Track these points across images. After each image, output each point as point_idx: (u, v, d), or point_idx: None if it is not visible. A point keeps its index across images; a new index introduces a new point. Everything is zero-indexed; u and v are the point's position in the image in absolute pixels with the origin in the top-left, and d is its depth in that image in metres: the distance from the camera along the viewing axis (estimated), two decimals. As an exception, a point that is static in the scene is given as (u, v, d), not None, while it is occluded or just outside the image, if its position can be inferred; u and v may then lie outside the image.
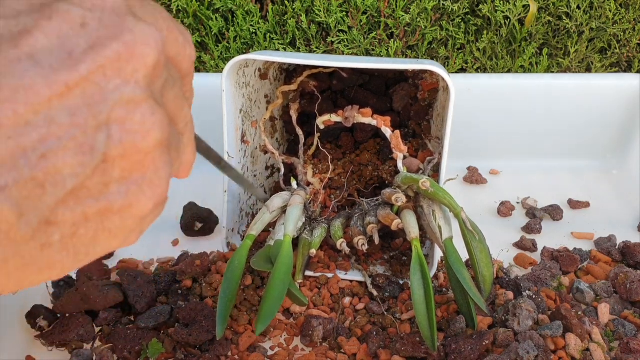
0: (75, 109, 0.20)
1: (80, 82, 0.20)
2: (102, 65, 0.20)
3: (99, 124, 0.20)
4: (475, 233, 0.48)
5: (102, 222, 0.22)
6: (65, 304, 0.51)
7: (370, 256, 0.60)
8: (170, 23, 0.24)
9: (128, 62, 0.21)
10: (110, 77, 0.21)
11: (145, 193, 0.22)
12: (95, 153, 0.20)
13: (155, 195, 0.23)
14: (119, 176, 0.21)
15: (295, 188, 0.61)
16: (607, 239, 0.63)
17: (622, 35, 0.84)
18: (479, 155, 0.79)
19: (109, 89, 0.21)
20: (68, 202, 0.20)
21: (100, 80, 0.20)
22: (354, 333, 0.51)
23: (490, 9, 0.82)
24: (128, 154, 0.21)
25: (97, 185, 0.21)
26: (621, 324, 0.51)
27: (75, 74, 0.20)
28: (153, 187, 0.23)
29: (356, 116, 0.57)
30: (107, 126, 0.21)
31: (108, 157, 0.21)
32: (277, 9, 0.83)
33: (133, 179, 0.22)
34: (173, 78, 0.24)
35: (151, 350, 0.48)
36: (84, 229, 0.21)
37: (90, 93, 0.20)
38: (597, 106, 0.77)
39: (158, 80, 0.23)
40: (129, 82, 0.21)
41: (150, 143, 0.22)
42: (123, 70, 0.21)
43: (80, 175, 0.20)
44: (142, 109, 0.21)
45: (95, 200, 0.21)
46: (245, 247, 0.52)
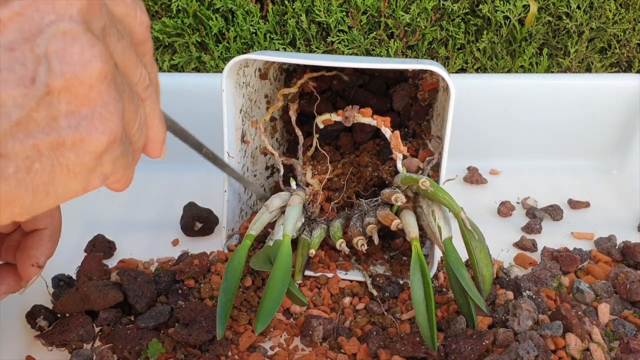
0: (12, 43, 0.21)
1: (13, 17, 0.21)
2: (34, 1, 0.21)
3: (37, 56, 0.21)
4: (475, 233, 0.48)
5: (57, 158, 0.22)
6: (65, 304, 0.51)
7: (370, 256, 0.60)
8: None
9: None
10: (43, 11, 0.21)
11: (96, 127, 0.23)
12: (37, 84, 0.21)
13: (107, 130, 0.23)
14: (67, 110, 0.22)
15: (295, 188, 0.61)
16: (607, 239, 0.63)
17: (622, 35, 0.84)
18: (479, 155, 0.79)
19: (44, 22, 0.21)
20: (16, 134, 0.21)
21: (34, 14, 0.21)
22: (354, 333, 0.51)
23: (490, 9, 0.82)
24: (71, 86, 0.22)
25: (45, 119, 0.21)
26: (621, 324, 0.51)
27: (7, 9, 0.20)
28: (104, 120, 0.23)
29: (356, 116, 0.57)
30: (46, 59, 0.21)
31: (51, 88, 0.21)
32: (277, 8, 0.83)
33: (82, 113, 0.22)
34: (119, 31, 0.25)
35: (151, 350, 0.48)
36: (40, 164, 0.22)
37: (26, 27, 0.21)
38: (597, 106, 0.77)
39: (96, 20, 0.23)
40: (63, 16, 0.22)
41: (91, 73, 0.22)
42: (56, 4, 0.22)
43: (24, 106, 0.21)
44: (80, 40, 0.22)
45: (45, 133, 0.22)
46: (244, 246, 0.52)
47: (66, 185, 0.23)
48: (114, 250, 0.62)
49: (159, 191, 0.74)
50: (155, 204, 0.71)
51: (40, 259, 0.39)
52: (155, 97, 0.28)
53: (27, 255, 0.39)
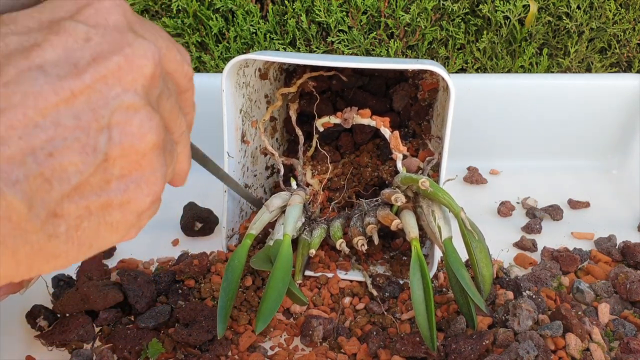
0: (80, 113, 0.22)
1: (84, 90, 0.22)
2: (104, 75, 0.23)
3: (101, 126, 0.22)
4: (475, 233, 0.48)
5: (104, 216, 0.24)
6: (65, 304, 0.51)
7: (370, 256, 0.60)
8: (168, 42, 0.27)
9: (127, 72, 0.23)
10: (111, 85, 0.23)
11: (142, 190, 0.25)
12: (97, 153, 0.22)
13: (152, 192, 0.25)
14: (119, 174, 0.24)
15: (295, 188, 0.61)
16: (607, 238, 0.63)
17: (622, 35, 0.84)
18: (479, 155, 0.79)
19: (110, 96, 0.23)
20: (73, 197, 0.22)
21: (103, 88, 0.23)
22: (354, 333, 0.51)
23: (490, 9, 0.82)
24: (127, 154, 0.23)
25: (99, 182, 0.23)
26: (621, 324, 0.51)
27: (79, 82, 0.22)
28: (150, 184, 0.25)
29: (355, 117, 0.57)
30: (108, 129, 0.23)
31: (109, 156, 0.23)
32: (277, 8, 0.83)
33: (132, 177, 0.24)
34: (169, 90, 0.27)
35: (151, 350, 0.48)
36: (88, 222, 0.23)
37: (93, 99, 0.22)
38: (597, 106, 0.77)
39: (155, 90, 0.25)
40: (129, 90, 0.23)
41: (147, 144, 0.24)
42: (123, 79, 0.23)
43: (83, 172, 0.22)
44: (140, 114, 0.24)
45: (98, 195, 0.23)
46: (244, 246, 0.52)
47: (108, 239, 0.25)
48: (114, 250, 0.62)
49: (159, 191, 0.74)
50: (155, 204, 0.71)
51: None
52: (188, 137, 0.30)
53: None
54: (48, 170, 0.21)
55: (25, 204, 0.20)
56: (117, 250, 0.62)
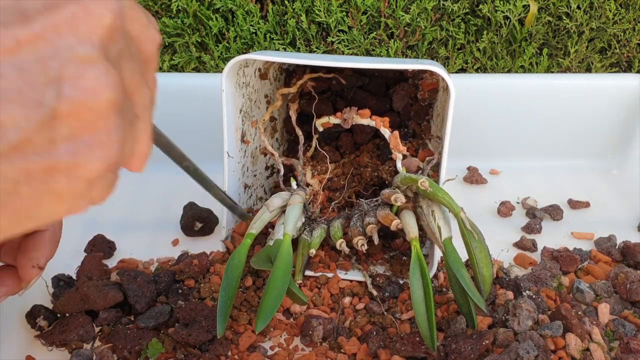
0: (25, 64, 0.20)
1: (32, 39, 0.20)
2: (56, 24, 0.20)
3: (48, 79, 0.20)
4: (475, 233, 0.48)
5: (47, 182, 0.21)
6: (65, 304, 0.51)
7: (370, 256, 0.60)
8: (132, 2, 0.24)
9: (83, 22, 0.21)
10: (64, 35, 0.21)
11: (94, 153, 0.22)
12: (43, 108, 0.20)
13: (105, 157, 0.22)
14: (68, 134, 0.21)
15: (295, 188, 0.61)
16: (607, 239, 0.63)
17: (622, 35, 0.84)
18: (479, 155, 0.79)
19: (62, 46, 0.20)
20: (10, 157, 0.20)
21: (54, 37, 0.20)
22: (354, 333, 0.51)
23: (490, 9, 0.82)
24: (78, 112, 0.21)
25: (43, 142, 0.20)
26: (621, 324, 0.51)
27: (27, 30, 0.20)
28: (103, 147, 0.22)
29: (355, 117, 0.57)
30: (57, 83, 0.20)
31: (57, 113, 0.20)
32: (277, 9, 0.83)
33: (83, 138, 0.21)
34: (132, 53, 0.24)
35: (151, 350, 0.48)
36: (27, 187, 0.21)
37: (42, 49, 0.20)
38: (597, 106, 0.77)
39: (114, 45, 0.23)
40: (84, 41, 0.21)
41: (102, 102, 0.21)
42: (78, 29, 0.21)
43: (24, 129, 0.20)
44: (95, 67, 0.21)
45: (40, 156, 0.21)
46: (245, 245, 0.52)
47: (50, 209, 0.22)
48: (114, 250, 0.62)
49: (159, 191, 0.74)
50: (155, 204, 0.71)
51: (41, 261, 0.39)
52: (150, 114, 0.27)
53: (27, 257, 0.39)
54: None
55: None
56: (117, 250, 0.62)
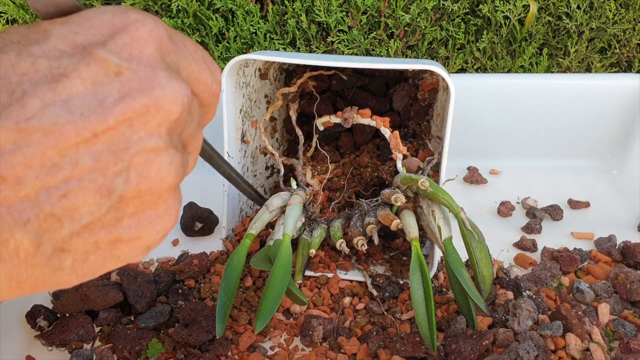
0: (99, 154, 0.21)
1: (107, 131, 0.21)
2: (129, 117, 0.22)
3: (119, 169, 0.22)
4: (475, 233, 0.48)
5: (112, 251, 0.23)
6: (65, 304, 0.51)
7: (370, 256, 0.60)
8: (201, 65, 0.26)
9: (154, 116, 0.22)
10: (135, 128, 0.22)
11: (154, 227, 0.24)
12: (113, 195, 0.22)
13: (163, 229, 0.24)
14: (132, 212, 0.23)
15: (295, 188, 0.61)
16: (607, 239, 0.63)
17: (622, 35, 0.84)
18: (479, 155, 0.79)
19: (133, 139, 0.22)
20: (82, 234, 0.22)
21: (126, 130, 0.22)
22: (354, 333, 0.51)
23: (490, 9, 0.82)
24: (143, 196, 0.23)
25: (110, 220, 0.22)
26: (621, 324, 0.51)
27: (103, 123, 0.21)
28: (163, 222, 0.24)
29: (355, 117, 0.57)
30: (127, 171, 0.22)
31: (124, 197, 0.22)
32: (277, 9, 0.83)
33: (145, 215, 0.24)
34: (193, 116, 0.25)
35: (151, 350, 0.48)
36: (94, 256, 0.23)
37: (115, 141, 0.21)
38: (597, 106, 0.77)
39: (179, 128, 0.24)
40: (152, 134, 0.22)
41: (165, 187, 0.23)
42: (149, 123, 0.22)
43: (95, 213, 0.22)
44: (161, 157, 0.23)
45: (108, 232, 0.23)
46: (244, 246, 0.52)
47: (111, 268, 0.24)
48: (114, 250, 0.62)
49: (159, 191, 0.74)
50: (155, 204, 0.71)
51: None
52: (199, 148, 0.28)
53: None
54: (60, 210, 0.21)
55: (34, 242, 0.20)
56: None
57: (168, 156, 0.23)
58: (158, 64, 0.23)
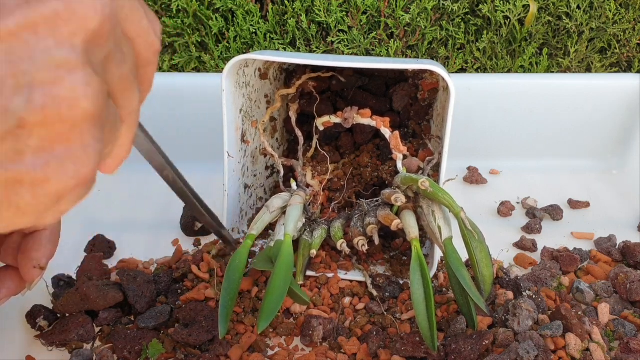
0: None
1: (5, 37, 0.18)
2: (35, 22, 0.18)
3: (18, 84, 0.18)
4: (475, 233, 0.48)
5: (8, 195, 0.19)
6: (65, 304, 0.51)
7: (371, 256, 0.60)
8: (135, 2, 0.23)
9: (65, 22, 0.19)
10: (42, 35, 0.19)
11: (66, 169, 0.20)
12: (9, 115, 0.18)
13: (78, 173, 0.20)
14: (37, 146, 0.19)
15: (295, 189, 0.61)
16: (607, 239, 0.63)
17: (622, 35, 0.84)
18: (479, 155, 0.79)
19: (38, 48, 0.18)
20: None
21: (30, 37, 0.18)
22: (354, 333, 0.51)
23: (490, 9, 0.82)
24: (50, 123, 0.19)
25: (7, 152, 0.19)
26: (621, 324, 0.51)
27: (1, 26, 0.18)
28: (77, 163, 0.20)
29: (355, 117, 0.57)
30: (29, 88, 0.18)
31: (25, 122, 0.19)
32: (277, 8, 0.83)
33: (54, 151, 0.20)
34: (124, 56, 0.22)
35: (151, 351, 0.48)
36: None
37: (16, 49, 0.18)
38: (597, 106, 0.77)
39: (100, 49, 0.20)
40: (63, 44, 0.19)
41: (78, 114, 0.19)
42: (58, 30, 0.19)
43: None
44: (74, 75, 0.19)
45: (3, 168, 0.19)
46: (245, 246, 0.52)
47: (10, 221, 0.20)
48: (114, 250, 0.62)
49: (159, 191, 0.74)
50: (155, 204, 0.71)
51: (42, 261, 0.39)
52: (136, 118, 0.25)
53: (28, 258, 0.39)
54: None
55: None
56: (117, 250, 0.62)
57: (84, 74, 0.19)
58: None
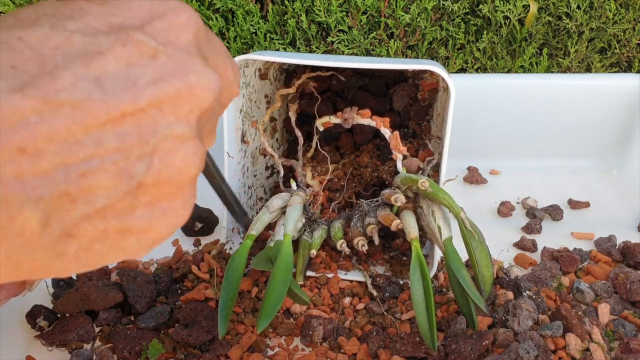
0: (125, 136, 0.20)
1: (136, 113, 0.20)
2: (161, 101, 0.21)
3: (143, 154, 0.21)
4: (475, 233, 0.48)
5: (119, 241, 0.22)
6: (65, 304, 0.51)
7: (371, 256, 0.60)
8: (226, 60, 0.25)
9: (185, 102, 0.22)
10: (166, 112, 0.21)
11: (167, 220, 0.23)
12: (132, 180, 0.21)
13: (175, 224, 0.23)
14: (147, 202, 0.22)
15: (295, 189, 0.61)
16: (607, 239, 0.63)
17: (622, 35, 0.84)
18: (479, 155, 0.79)
19: (162, 123, 0.21)
20: (93, 219, 0.21)
21: (156, 114, 0.21)
22: (354, 333, 0.51)
23: (490, 9, 0.82)
24: (162, 184, 0.22)
25: (124, 208, 0.21)
26: (621, 324, 0.51)
27: (134, 104, 0.20)
28: (176, 216, 0.23)
29: (355, 117, 0.57)
30: (150, 157, 0.21)
31: (143, 184, 0.21)
32: (277, 8, 0.83)
33: (160, 206, 0.22)
34: (214, 113, 0.25)
35: (151, 351, 0.48)
36: (100, 245, 0.21)
37: (143, 124, 0.21)
38: (597, 106, 0.77)
39: (206, 120, 0.23)
40: (182, 120, 0.22)
41: (185, 179, 0.22)
42: (179, 109, 0.21)
43: (111, 197, 0.21)
44: (187, 146, 0.22)
45: (119, 220, 0.21)
46: (245, 246, 0.52)
47: (114, 260, 0.23)
48: (114, 250, 0.62)
49: (159, 191, 0.74)
50: (155, 204, 0.71)
51: None
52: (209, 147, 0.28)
53: None
54: (76, 190, 0.20)
55: (42, 221, 0.19)
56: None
57: (194, 146, 0.22)
58: (193, 51, 0.22)
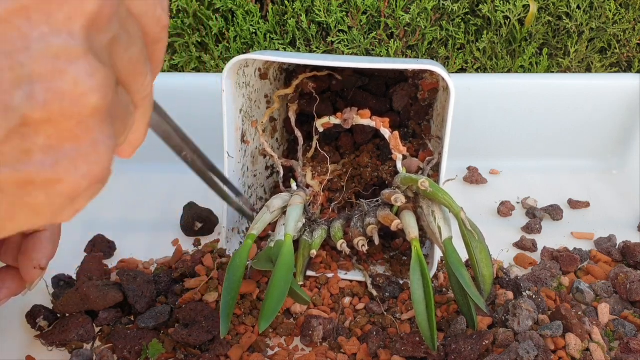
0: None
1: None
2: (26, 6, 0.17)
3: (17, 77, 0.17)
4: (475, 233, 0.48)
5: (21, 197, 0.18)
6: (65, 304, 0.51)
7: (371, 256, 0.60)
8: None
9: (59, 6, 0.17)
10: (35, 22, 0.17)
11: (78, 168, 0.19)
12: (11, 112, 0.17)
13: (90, 172, 0.19)
14: (45, 144, 0.18)
15: (295, 189, 0.61)
16: (607, 239, 0.63)
17: (622, 35, 0.84)
18: (479, 155, 0.79)
19: (32, 36, 0.17)
20: None
21: (23, 24, 0.17)
22: (354, 333, 0.51)
23: (490, 9, 0.82)
24: (55, 120, 0.18)
25: (14, 152, 0.18)
26: (621, 324, 0.51)
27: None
28: (89, 162, 0.19)
29: (355, 118, 0.57)
30: (29, 82, 0.17)
31: (29, 120, 0.17)
32: (277, 9, 0.83)
33: (64, 150, 0.19)
34: (131, 37, 0.21)
35: (151, 351, 0.48)
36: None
37: (8, 38, 0.17)
38: (597, 106, 0.77)
39: (103, 34, 0.19)
40: (60, 31, 0.17)
41: (84, 110, 0.18)
42: (52, 15, 0.17)
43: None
44: (76, 65, 0.18)
45: (12, 168, 0.18)
46: (246, 246, 0.52)
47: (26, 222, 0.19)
48: (114, 250, 0.62)
49: (159, 191, 0.74)
50: (155, 204, 0.71)
51: (42, 261, 0.39)
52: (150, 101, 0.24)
53: (28, 258, 0.39)
54: None
55: None
56: (117, 250, 0.62)
57: (86, 65, 0.18)
58: None
